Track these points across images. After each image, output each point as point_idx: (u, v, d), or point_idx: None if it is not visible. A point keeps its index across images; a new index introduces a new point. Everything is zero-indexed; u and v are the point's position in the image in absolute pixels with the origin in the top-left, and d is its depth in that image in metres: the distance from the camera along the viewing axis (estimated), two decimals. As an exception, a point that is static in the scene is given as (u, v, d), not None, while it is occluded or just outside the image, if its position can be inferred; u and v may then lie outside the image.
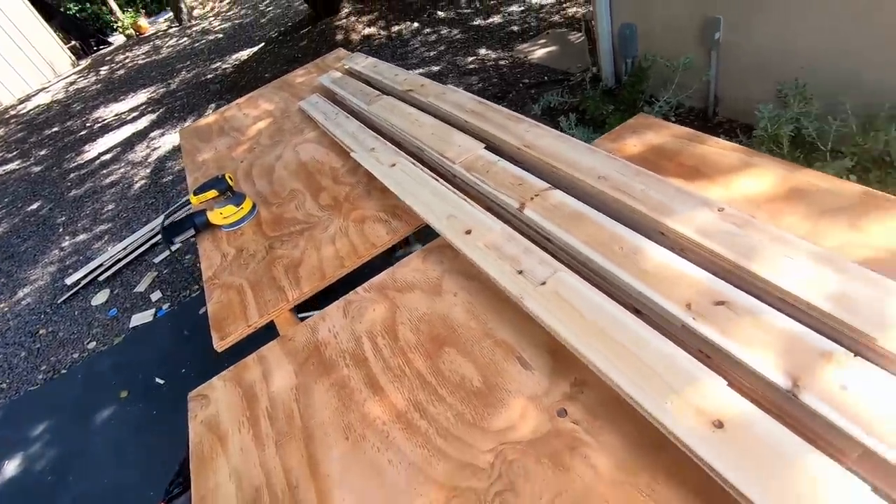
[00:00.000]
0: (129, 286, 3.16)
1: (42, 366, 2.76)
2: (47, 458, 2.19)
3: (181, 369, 2.37)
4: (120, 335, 2.78)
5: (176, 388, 2.29)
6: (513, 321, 0.85)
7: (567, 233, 0.88)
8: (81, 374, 2.58)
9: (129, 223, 3.92)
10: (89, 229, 4.06)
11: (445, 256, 1.04)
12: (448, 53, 4.74)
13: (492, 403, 0.75)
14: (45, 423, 2.37)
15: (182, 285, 3.00)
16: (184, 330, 2.61)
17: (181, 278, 3.06)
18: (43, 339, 2.96)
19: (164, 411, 2.20)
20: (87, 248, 3.78)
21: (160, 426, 2.13)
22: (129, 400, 2.32)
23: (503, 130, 1.20)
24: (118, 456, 2.08)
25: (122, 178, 4.79)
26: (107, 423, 2.25)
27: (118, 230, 3.88)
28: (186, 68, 7.57)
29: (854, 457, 0.53)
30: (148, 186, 4.42)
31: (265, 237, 1.34)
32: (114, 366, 2.56)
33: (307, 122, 1.86)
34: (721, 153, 1.02)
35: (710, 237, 0.77)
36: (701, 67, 2.54)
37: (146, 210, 4.03)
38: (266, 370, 0.96)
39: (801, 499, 0.49)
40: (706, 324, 0.67)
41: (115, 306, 3.01)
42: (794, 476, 0.51)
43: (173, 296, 2.94)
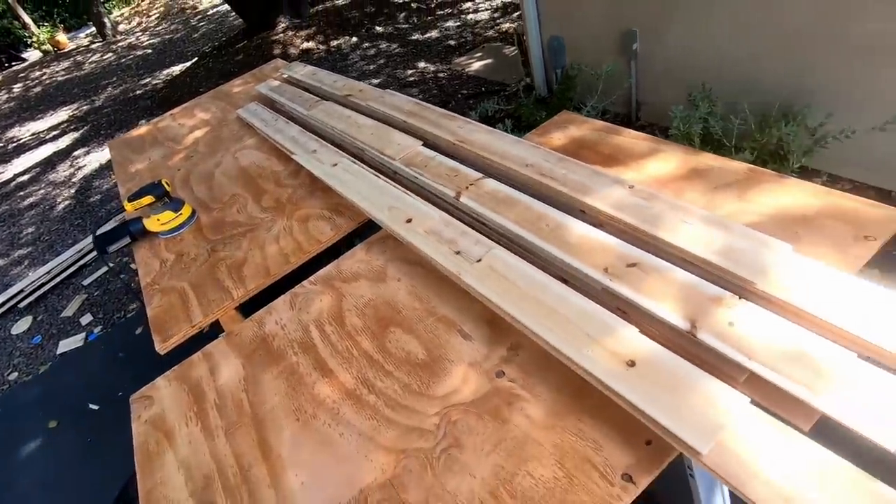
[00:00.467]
0: (54, 311, 2.95)
1: (-46, 403, 2.52)
2: (-35, 501, 2.00)
3: (118, 392, 2.24)
4: (46, 363, 2.59)
5: (112, 413, 2.17)
6: (453, 299, 0.91)
7: (499, 215, 0.95)
8: (2, 406, 2.38)
9: (53, 245, 3.67)
10: (6, 254, 3.76)
11: (388, 246, 1.08)
12: (388, 67, 4.82)
13: (436, 373, 0.79)
14: (-39, 463, 2.17)
15: (115, 306, 2.85)
16: (119, 352, 2.47)
17: (114, 299, 2.90)
18: (-46, 375, 2.70)
19: (101, 437, 2.07)
20: (3, 275, 3.50)
21: (96, 454, 2.01)
22: (60, 429, 2.17)
23: (439, 128, 1.27)
24: (48, 489, 1.93)
25: (44, 199, 4.48)
26: (34, 455, 2.08)
27: (40, 254, 3.62)
28: (113, 84, 7.22)
29: (741, 379, 0.63)
30: (73, 207, 4.16)
31: (207, 241, 1.33)
32: (40, 395, 2.38)
33: (246, 129, 1.86)
34: (633, 142, 1.14)
35: (622, 210, 0.86)
36: (622, 75, 2.75)
37: (72, 231, 3.80)
38: (213, 366, 0.96)
39: (701, 416, 0.58)
40: (621, 284, 0.75)
41: (38, 333, 2.81)
42: (695, 399, 0.59)
43: (106, 318, 2.78)
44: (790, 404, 0.59)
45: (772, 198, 0.88)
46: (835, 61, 1.91)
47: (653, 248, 0.80)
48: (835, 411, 0.55)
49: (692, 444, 0.55)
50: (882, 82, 1.82)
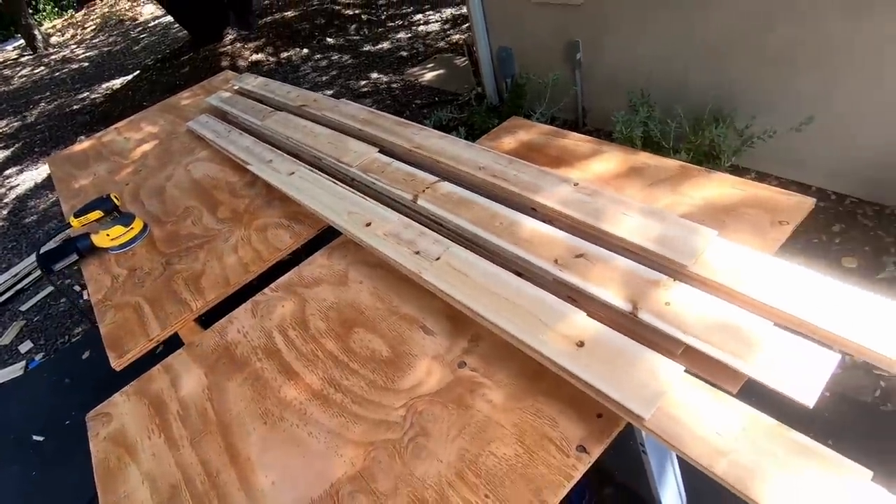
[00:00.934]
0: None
1: None
2: None
3: (65, 421, 2.13)
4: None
5: (59, 442, 2.05)
6: (415, 297, 0.94)
7: (456, 216, 0.99)
8: (-68, 446, 2.20)
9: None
10: (-70, 283, 3.48)
11: (349, 251, 1.11)
12: (340, 78, 4.83)
13: (401, 368, 0.82)
14: None
15: (58, 331, 2.70)
16: (65, 378, 2.34)
17: (56, 324, 2.75)
18: None
19: (47, 470, 1.95)
20: (-72, 305, 3.24)
21: (42, 489, 1.89)
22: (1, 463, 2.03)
23: (394, 135, 1.30)
24: (-10, 529, 1.81)
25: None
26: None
27: (-30, 280, 3.38)
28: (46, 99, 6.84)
29: (678, 352, 0.69)
30: (6, 229, 3.91)
31: (161, 254, 1.31)
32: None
33: (197, 141, 1.83)
34: (577, 144, 1.21)
35: (568, 206, 0.92)
36: (568, 83, 2.88)
37: (5, 255, 3.57)
38: (174, 377, 0.95)
39: (643, 387, 0.63)
40: (570, 273, 0.81)
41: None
42: (638, 372, 0.65)
43: (48, 344, 2.63)
44: (720, 371, 0.66)
45: (701, 191, 0.97)
46: (753, 69, 2.09)
47: (597, 239, 0.87)
48: (757, 374, 0.62)
49: (637, 412, 0.61)
50: (794, 87, 2.01)
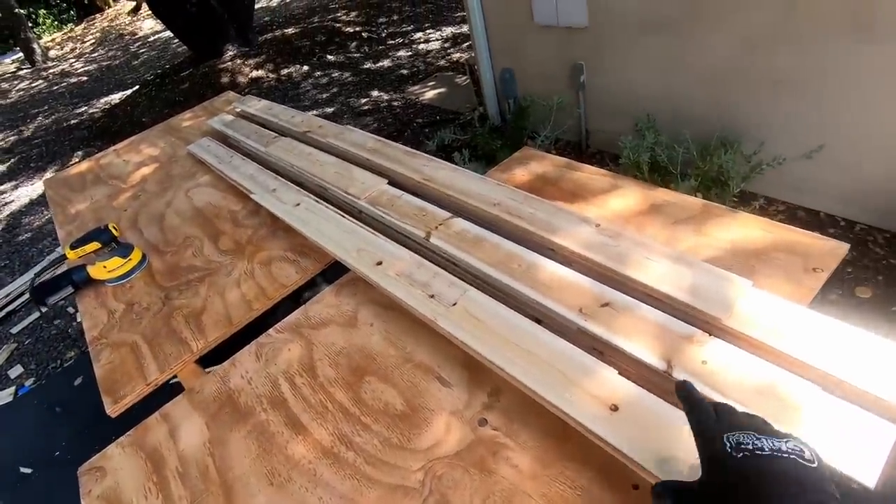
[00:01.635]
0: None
1: None
2: None
3: (54, 452, 2.05)
4: (-32, 423, 2.34)
5: (49, 476, 1.97)
6: (429, 343, 0.89)
7: (471, 255, 0.95)
8: (-85, 478, 2.12)
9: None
10: (-81, 302, 3.40)
11: (358, 289, 1.06)
12: (341, 95, 4.83)
13: (417, 424, 0.77)
14: None
15: (50, 355, 2.63)
16: (55, 406, 2.27)
17: (48, 347, 2.68)
18: None
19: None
20: (-84, 325, 3.16)
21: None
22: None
23: (403, 166, 1.27)
24: (-27, 570, 1.72)
25: (-36, 239, 4.11)
26: (-46, 532, 1.86)
27: (-39, 300, 3.30)
28: (43, 113, 6.82)
29: (717, 417, 0.65)
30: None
31: (160, 288, 1.26)
32: (-39, 461, 2.14)
33: (199, 166, 1.79)
34: (592, 178, 1.18)
35: (590, 249, 0.89)
36: (572, 106, 2.88)
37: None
38: (172, 428, 0.89)
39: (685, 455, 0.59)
40: (596, 324, 0.77)
41: (-41, 390, 2.54)
42: (676, 439, 0.61)
43: (39, 368, 2.56)
44: (765, 439, 0.62)
45: (726, 232, 0.94)
46: (757, 95, 2.08)
47: (622, 286, 0.83)
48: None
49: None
50: (800, 113, 1.99)
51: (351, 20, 6.56)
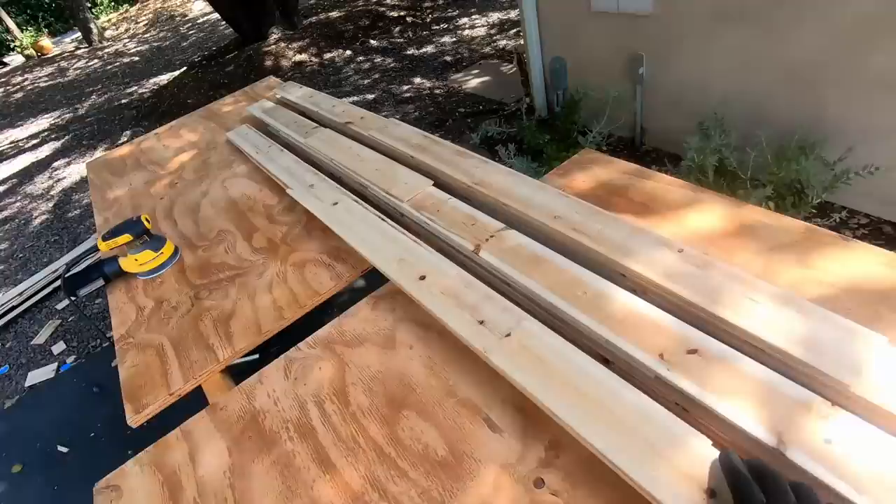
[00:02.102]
0: (25, 337, 2.77)
1: None
2: (-87, 558, 1.81)
3: (90, 433, 2.07)
4: (13, 396, 2.41)
5: (83, 457, 2.00)
6: (475, 375, 0.78)
7: (527, 277, 0.83)
8: (-38, 447, 2.19)
9: (27, 264, 3.48)
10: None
11: (397, 303, 0.96)
12: (383, 81, 4.73)
13: (460, 476, 0.67)
14: (-88, 512, 1.97)
15: (91, 334, 2.67)
16: (93, 386, 2.30)
17: (90, 326, 2.73)
18: (-88, 408, 2.50)
19: (68, 485, 1.90)
20: (-28, 295, 3.29)
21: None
22: (24, 475, 1.98)
23: (451, 167, 1.15)
24: (8, 546, 1.76)
25: (19, 212, 4.28)
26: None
27: (13, 272, 3.43)
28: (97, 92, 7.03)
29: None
30: (50, 222, 3.97)
31: (190, 286, 1.20)
32: (5, 434, 2.20)
33: (236, 154, 1.73)
34: (667, 189, 1.03)
35: (673, 279, 0.75)
36: (628, 100, 2.68)
37: (48, 249, 3.61)
38: (193, 448, 0.82)
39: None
40: (681, 375, 0.64)
41: (6, 362, 2.62)
42: (794, 546, 0.48)
43: (80, 347, 2.61)
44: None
45: (839, 265, 0.78)
46: (850, 95, 1.85)
47: (714, 329, 0.69)
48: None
49: None
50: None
51: (395, 4, 6.44)
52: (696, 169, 1.97)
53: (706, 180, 1.96)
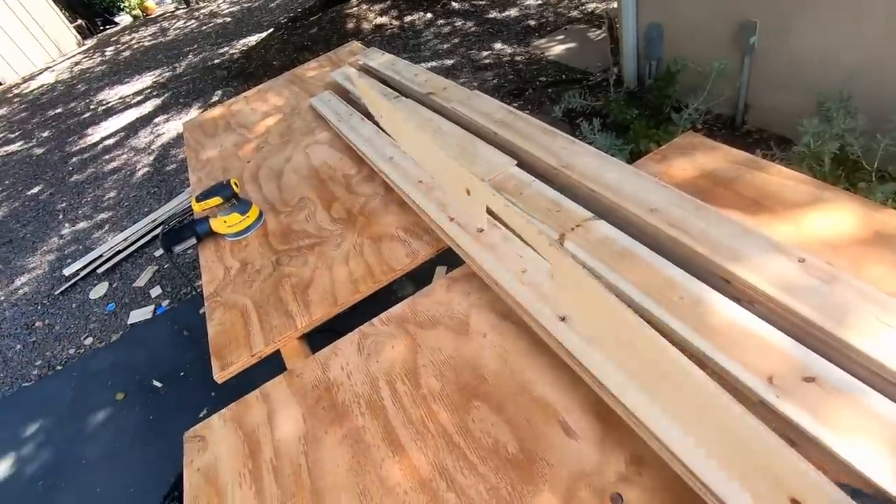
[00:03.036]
0: (128, 280, 3.07)
1: (37, 360, 2.68)
2: (39, 462, 2.11)
3: (180, 372, 2.28)
4: (118, 332, 2.69)
5: (174, 393, 2.21)
6: (553, 376, 0.75)
7: (616, 274, 0.77)
8: (77, 371, 2.50)
9: (131, 212, 3.82)
10: (89, 217, 3.96)
11: (473, 287, 0.94)
12: (462, 47, 4.60)
13: (531, 479, 0.65)
14: (39, 422, 2.29)
15: (183, 281, 2.91)
16: (183, 330, 2.52)
17: (181, 274, 2.96)
18: (39, 332, 2.88)
19: (161, 418, 2.11)
20: (86, 237, 3.69)
21: (156, 434, 2.05)
22: (126, 403, 2.23)
23: (537, 146, 1.09)
24: (112, 464, 2.00)
25: (125, 164, 4.69)
26: (102, 426, 2.16)
27: (119, 219, 3.78)
28: (193, 52, 7.43)
29: None
30: (151, 174, 4.32)
31: (272, 251, 1.24)
32: (111, 364, 2.47)
33: (318, 121, 1.75)
34: (785, 184, 0.91)
35: (790, 292, 0.66)
36: (732, 73, 2.41)
37: (148, 199, 3.94)
38: (271, 411, 0.86)
39: None
40: (793, 404, 0.56)
41: (113, 301, 2.93)
42: None
43: (173, 292, 2.85)
44: None
45: None
46: None
47: (837, 355, 0.60)
48: None
49: None
50: None
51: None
52: (811, 156, 1.75)
53: (821, 169, 1.74)
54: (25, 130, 6.52)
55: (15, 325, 3.01)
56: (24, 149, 5.93)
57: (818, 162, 1.73)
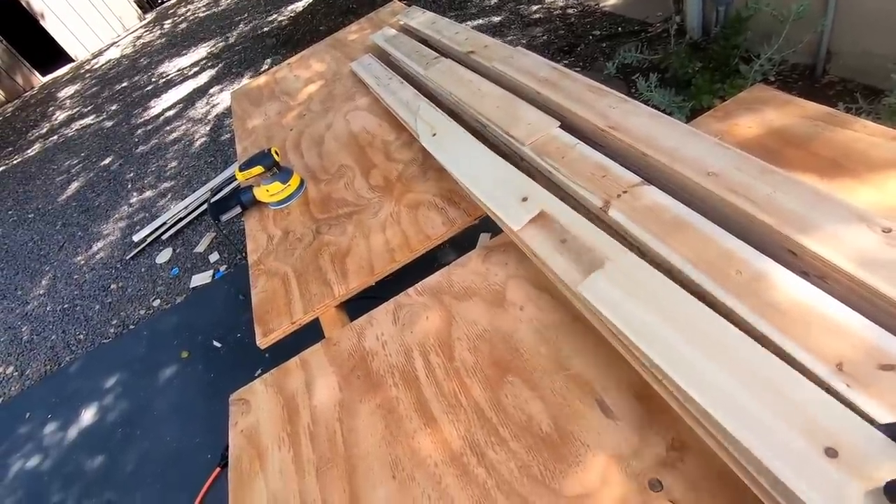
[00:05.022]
0: (189, 245, 3.24)
1: (113, 320, 2.92)
2: (118, 411, 2.33)
3: (237, 334, 2.41)
4: (182, 294, 2.87)
5: (232, 353, 2.34)
6: (590, 349, 0.71)
7: (665, 244, 0.71)
8: (147, 330, 2.70)
9: (190, 181, 4.01)
10: (154, 186, 4.19)
11: (510, 258, 0.90)
12: (511, 2, 4.37)
13: (564, 457, 0.62)
14: (117, 376, 2.52)
15: (238, 247, 3.04)
16: (239, 294, 2.64)
17: (237, 240, 3.10)
18: (114, 294, 3.12)
19: (221, 375, 2.26)
20: (152, 205, 3.92)
21: (216, 390, 2.19)
22: (190, 361, 2.40)
23: (582, 106, 1.01)
24: (179, 416, 2.17)
25: (184, 135, 4.89)
26: (170, 381, 2.34)
27: (180, 188, 3.98)
28: (244, 21, 7.54)
29: None
30: (207, 144, 4.48)
31: (313, 219, 1.25)
32: (176, 325, 2.65)
33: (359, 86, 1.72)
34: (871, 141, 0.80)
35: (869, 267, 0.58)
36: (813, 17, 2.14)
37: (206, 169, 4.10)
38: (309, 378, 0.88)
39: None
40: (862, 392, 0.50)
41: (177, 265, 3.11)
42: None
43: (230, 258, 2.99)
44: None
45: None
46: None
47: (925, 341, 0.53)
48: None
49: None
50: None
51: None
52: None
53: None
54: (96, 104, 6.93)
55: (94, 287, 3.28)
56: (96, 122, 6.32)
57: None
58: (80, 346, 2.85)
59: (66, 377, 2.67)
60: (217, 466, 1.56)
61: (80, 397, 2.50)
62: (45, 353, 2.93)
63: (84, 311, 3.11)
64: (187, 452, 2.01)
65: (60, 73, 9.39)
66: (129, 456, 2.11)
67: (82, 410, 2.42)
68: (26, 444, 2.41)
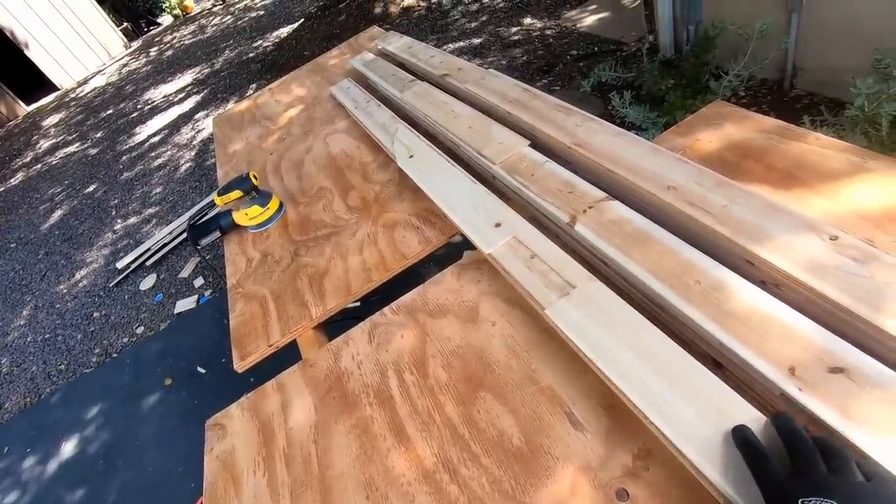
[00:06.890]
0: (173, 271, 3.22)
1: (96, 349, 2.88)
2: (100, 442, 2.28)
3: (221, 359, 2.39)
4: (165, 321, 2.84)
5: (216, 379, 2.31)
6: (561, 365, 0.72)
7: (627, 257, 0.73)
8: (130, 358, 2.66)
9: (175, 207, 4.00)
10: (138, 212, 4.17)
11: (483, 275, 0.91)
12: (490, 24, 4.48)
13: (535, 471, 0.63)
14: (98, 406, 2.47)
15: (223, 272, 3.02)
16: (224, 318, 2.62)
17: (222, 264, 3.08)
18: (97, 322, 3.08)
19: (205, 401, 2.22)
20: (136, 232, 3.89)
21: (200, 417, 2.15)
22: (174, 388, 2.36)
23: (551, 124, 1.04)
24: (163, 444, 2.12)
25: (169, 160, 4.89)
26: (153, 409, 2.30)
27: (165, 214, 3.97)
28: (230, 47, 7.62)
29: None
30: (192, 169, 4.49)
31: (291, 242, 1.26)
32: (160, 352, 2.62)
33: (338, 109, 1.75)
34: (823, 153, 0.83)
35: (818, 274, 0.60)
36: (778, 33, 2.23)
37: (191, 193, 4.10)
38: (285, 400, 0.88)
39: None
40: (818, 398, 0.52)
41: (161, 291, 3.08)
42: None
43: (215, 282, 2.97)
44: None
45: None
46: None
47: (871, 344, 0.55)
48: None
49: None
50: None
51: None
52: (865, 120, 1.60)
53: (877, 134, 1.58)
54: (81, 132, 6.91)
55: (76, 315, 3.23)
56: (80, 150, 6.30)
57: (874, 126, 1.58)
58: (62, 377, 2.80)
59: (46, 409, 2.61)
60: (199, 496, 1.54)
61: (61, 429, 2.44)
62: (25, 384, 2.87)
63: (66, 340, 3.06)
64: (170, 482, 1.96)
65: (45, 102, 9.38)
66: (111, 487, 2.05)
67: (63, 442, 2.36)
68: (4, 479, 2.34)
